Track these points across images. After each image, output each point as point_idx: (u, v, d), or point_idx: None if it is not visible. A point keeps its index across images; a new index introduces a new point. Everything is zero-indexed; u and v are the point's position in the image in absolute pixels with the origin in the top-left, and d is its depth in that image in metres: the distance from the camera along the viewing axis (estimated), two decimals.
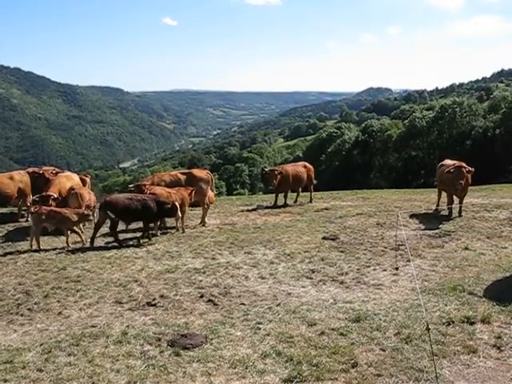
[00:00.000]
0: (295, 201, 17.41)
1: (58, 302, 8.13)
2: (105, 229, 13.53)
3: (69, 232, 12.11)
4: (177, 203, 12.29)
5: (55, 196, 12.96)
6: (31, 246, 11.73)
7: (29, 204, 14.96)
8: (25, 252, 11.31)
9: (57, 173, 15.53)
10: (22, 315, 7.61)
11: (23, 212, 15.29)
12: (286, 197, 17.01)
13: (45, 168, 16.59)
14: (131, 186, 14.42)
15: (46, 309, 7.84)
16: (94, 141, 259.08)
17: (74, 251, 11.35)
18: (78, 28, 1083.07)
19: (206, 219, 13.93)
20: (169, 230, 13.29)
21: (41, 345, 6.46)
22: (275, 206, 16.51)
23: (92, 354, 6.17)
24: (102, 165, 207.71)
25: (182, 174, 14.99)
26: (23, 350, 6.33)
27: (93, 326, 7.06)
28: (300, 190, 17.66)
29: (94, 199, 13.95)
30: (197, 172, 15.07)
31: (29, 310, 7.81)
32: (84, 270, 9.76)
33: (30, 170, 15.90)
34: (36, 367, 5.89)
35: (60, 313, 7.67)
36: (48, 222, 12.00)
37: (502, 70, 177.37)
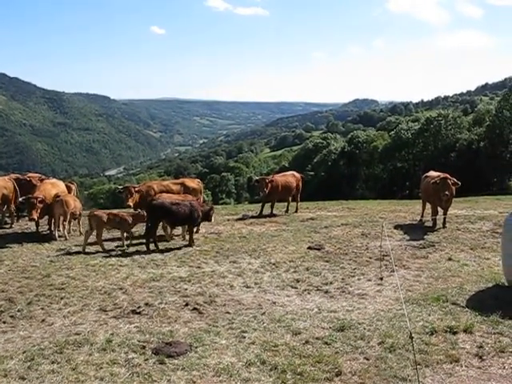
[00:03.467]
0: (286, 210, 17.46)
1: (42, 309, 8.07)
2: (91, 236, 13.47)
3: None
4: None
5: (42, 198, 12.90)
6: (102, 247, 12.12)
7: (13, 210, 14.86)
8: (8, 259, 11.21)
9: (42, 180, 15.43)
10: (4, 322, 7.55)
11: (6, 219, 15.15)
12: (272, 206, 17.04)
13: (30, 174, 16.48)
14: (120, 187, 14.66)
15: (30, 316, 7.78)
16: (80, 148, 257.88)
17: (58, 258, 11.27)
18: (65, 35, 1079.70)
19: (199, 227, 13.95)
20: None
21: (24, 352, 6.40)
22: (261, 216, 16.53)
23: (76, 361, 6.13)
24: (87, 172, 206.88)
25: (174, 183, 15.09)
26: (5, 357, 6.27)
27: (77, 334, 7.02)
28: (290, 199, 17.68)
29: (79, 206, 13.91)
30: (189, 182, 15.20)
31: (12, 317, 7.74)
32: (68, 278, 9.69)
33: (14, 176, 15.77)
34: (18, 375, 5.83)
35: (43, 320, 7.62)
36: (107, 225, 12.29)
37: (487, 84, 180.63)
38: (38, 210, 12.84)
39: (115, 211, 12.66)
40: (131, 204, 13.50)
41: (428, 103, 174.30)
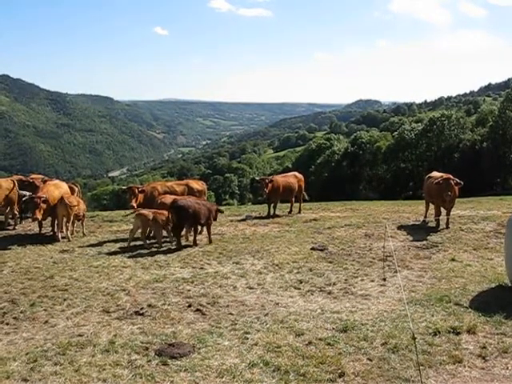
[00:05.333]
0: (290, 211, 17.46)
1: (45, 310, 8.07)
2: (92, 237, 13.52)
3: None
4: None
5: (45, 198, 12.92)
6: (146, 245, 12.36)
7: (16, 212, 14.89)
8: (11, 260, 11.22)
9: (45, 181, 15.45)
10: (7, 324, 7.54)
11: (9, 220, 15.17)
12: (275, 207, 17.03)
13: (33, 176, 16.50)
14: (124, 187, 14.78)
15: (33, 317, 7.77)
16: (83, 149, 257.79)
17: (61, 260, 11.28)
18: (69, 36, 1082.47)
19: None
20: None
21: (26, 354, 6.39)
22: (267, 217, 16.53)
23: (79, 363, 6.13)
24: (90, 173, 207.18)
25: (178, 185, 15.12)
26: (8, 359, 6.27)
27: (80, 335, 7.01)
28: (293, 200, 17.66)
29: (83, 208, 13.93)
30: (193, 183, 15.25)
31: (14, 318, 7.74)
32: (71, 279, 9.70)
33: (16, 177, 15.78)
34: (21, 377, 5.83)
35: (46, 322, 7.61)
36: (153, 224, 12.47)
37: (490, 84, 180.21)
38: (42, 210, 12.87)
39: (160, 211, 12.66)
40: (134, 205, 13.51)
41: (431, 104, 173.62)
